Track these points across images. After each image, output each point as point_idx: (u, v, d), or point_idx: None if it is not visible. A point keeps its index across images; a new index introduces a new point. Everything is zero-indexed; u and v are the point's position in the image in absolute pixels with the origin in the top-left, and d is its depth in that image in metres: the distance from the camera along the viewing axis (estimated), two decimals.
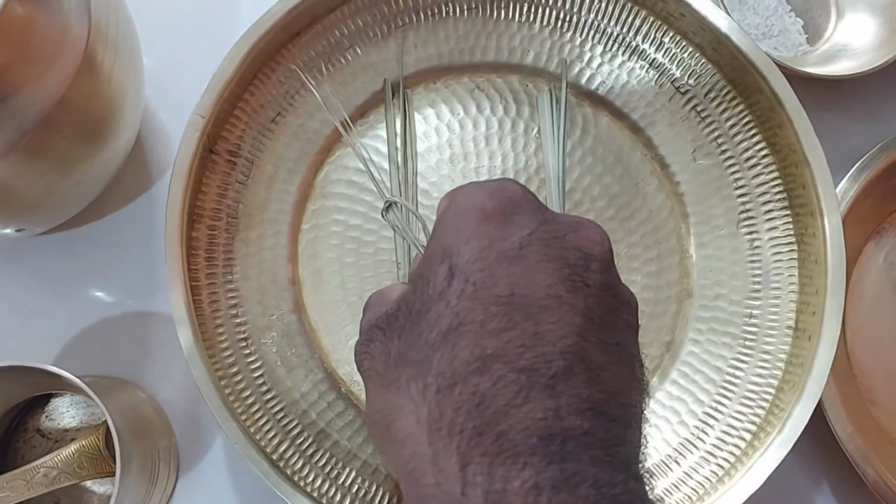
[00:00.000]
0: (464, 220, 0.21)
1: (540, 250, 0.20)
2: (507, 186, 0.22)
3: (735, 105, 0.40)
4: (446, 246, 0.21)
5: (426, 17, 0.41)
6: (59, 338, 0.40)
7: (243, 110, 0.38)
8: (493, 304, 0.19)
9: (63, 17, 0.30)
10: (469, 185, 0.22)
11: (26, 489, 0.33)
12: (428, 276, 0.21)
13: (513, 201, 0.21)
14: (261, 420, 0.36)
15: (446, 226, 0.21)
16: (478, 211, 0.21)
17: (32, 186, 0.33)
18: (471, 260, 0.20)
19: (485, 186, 0.22)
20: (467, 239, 0.20)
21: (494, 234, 0.20)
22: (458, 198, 0.22)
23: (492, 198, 0.21)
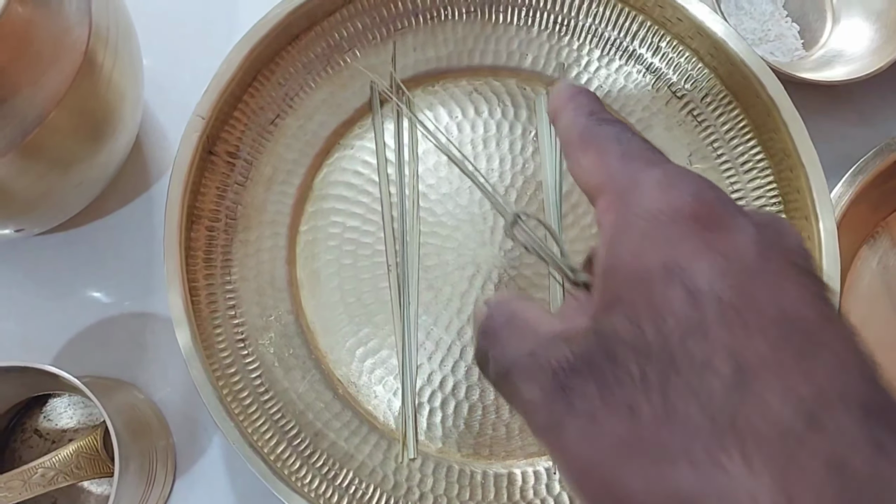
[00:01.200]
0: (670, 227, 0.17)
1: (778, 257, 0.16)
2: (700, 182, 0.18)
3: (731, 109, 0.40)
4: (663, 262, 0.16)
5: (425, 21, 0.41)
6: (57, 338, 0.40)
7: (242, 112, 0.39)
8: (769, 330, 0.15)
9: (64, 18, 0.30)
10: (647, 184, 0.18)
11: (24, 489, 0.33)
12: (650, 303, 0.16)
13: (720, 200, 0.17)
14: (258, 420, 0.36)
15: (643, 236, 0.17)
16: (686, 215, 0.17)
17: (32, 187, 0.33)
18: (713, 277, 0.16)
19: (675, 183, 0.17)
20: (693, 251, 0.16)
21: (722, 243, 0.16)
22: (642, 200, 0.17)
23: (697, 198, 0.17)
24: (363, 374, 0.38)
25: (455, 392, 0.38)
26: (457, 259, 0.39)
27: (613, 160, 0.19)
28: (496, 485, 0.37)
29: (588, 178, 0.19)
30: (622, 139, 0.19)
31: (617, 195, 0.18)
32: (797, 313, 0.15)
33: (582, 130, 0.20)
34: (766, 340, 0.15)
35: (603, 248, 0.18)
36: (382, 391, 0.38)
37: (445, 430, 0.38)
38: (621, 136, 0.19)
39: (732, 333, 0.15)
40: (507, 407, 0.38)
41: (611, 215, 0.18)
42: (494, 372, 0.19)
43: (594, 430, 0.16)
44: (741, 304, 0.15)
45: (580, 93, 0.21)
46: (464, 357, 0.39)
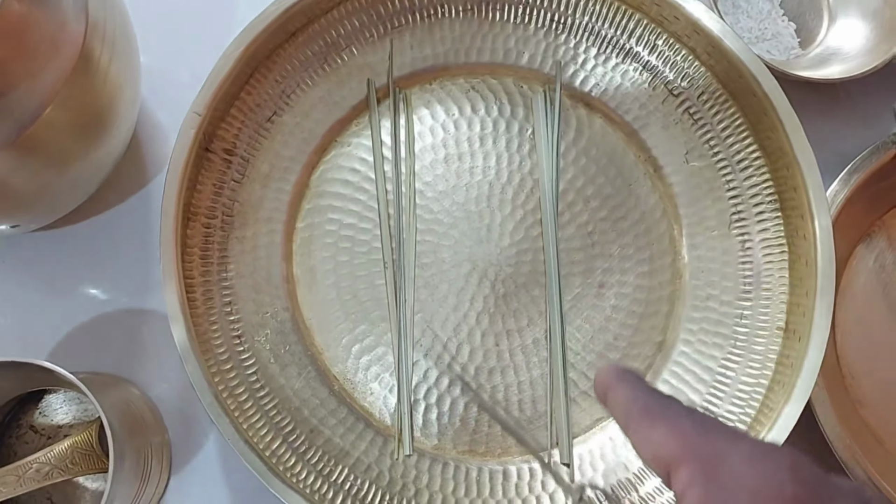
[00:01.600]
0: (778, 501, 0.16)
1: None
2: (793, 456, 0.17)
3: (727, 108, 0.40)
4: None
5: (422, 19, 0.41)
6: (53, 334, 0.40)
7: (239, 109, 0.39)
8: None
9: (60, 14, 0.30)
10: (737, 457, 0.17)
11: (18, 485, 0.33)
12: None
13: (816, 478, 0.17)
14: (254, 417, 0.36)
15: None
16: (787, 496, 0.16)
17: (28, 183, 0.33)
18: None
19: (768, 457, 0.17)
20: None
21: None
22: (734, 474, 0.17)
23: (795, 476, 0.17)
24: (359, 371, 0.38)
25: (451, 389, 0.38)
26: (453, 256, 0.40)
27: (690, 432, 0.19)
28: (491, 481, 0.37)
29: (659, 450, 0.19)
30: (693, 413, 0.19)
31: (700, 469, 0.18)
32: None
33: (645, 404, 0.20)
34: None
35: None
36: (378, 388, 0.38)
37: (441, 427, 0.38)
38: (691, 410, 0.19)
39: None
40: (502, 404, 0.38)
41: (698, 489, 0.17)
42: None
43: None
44: None
45: (629, 371, 0.21)
46: (460, 354, 0.39)
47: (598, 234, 0.40)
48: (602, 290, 0.40)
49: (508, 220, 0.40)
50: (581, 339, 0.39)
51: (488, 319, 0.39)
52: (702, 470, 0.18)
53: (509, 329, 0.39)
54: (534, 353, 0.39)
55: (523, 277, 0.39)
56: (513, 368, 0.39)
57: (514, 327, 0.39)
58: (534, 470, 0.37)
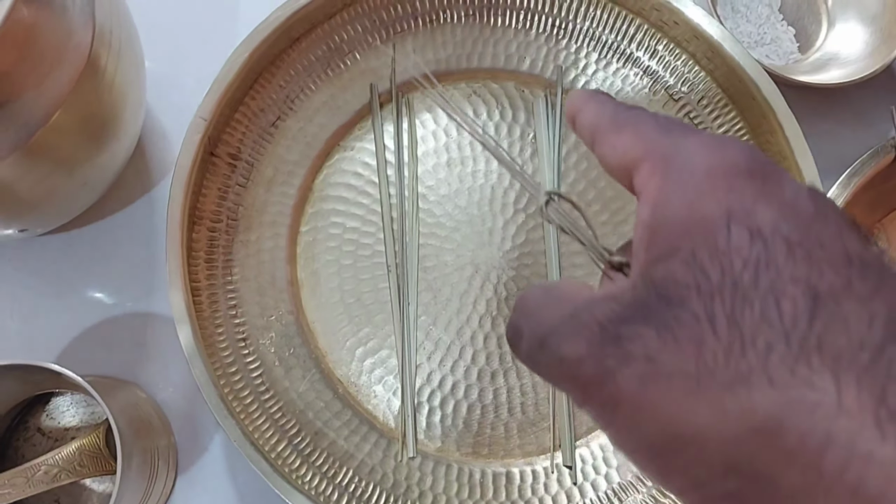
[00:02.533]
0: (727, 179, 0.17)
1: (833, 212, 0.17)
2: (748, 144, 0.18)
3: (727, 112, 0.40)
4: (724, 209, 0.16)
5: (424, 24, 0.41)
6: (59, 337, 0.41)
7: (244, 114, 0.39)
8: (839, 266, 0.15)
9: (67, 21, 0.30)
10: (694, 146, 0.18)
11: (27, 486, 0.34)
12: (713, 246, 0.16)
13: (770, 161, 0.18)
14: (259, 419, 0.36)
15: (698, 189, 0.17)
16: (742, 170, 0.17)
17: (35, 187, 0.33)
18: (777, 220, 0.16)
19: (724, 144, 0.18)
20: (754, 198, 0.17)
21: (780, 195, 0.17)
22: (691, 159, 0.18)
23: (750, 156, 0.17)
24: (363, 374, 0.39)
25: (454, 391, 0.39)
26: (456, 260, 0.40)
27: (652, 132, 0.19)
28: (494, 483, 0.37)
29: (623, 154, 0.19)
30: (658, 116, 0.20)
31: (661, 160, 0.18)
32: (861, 255, 0.16)
33: (612, 115, 0.20)
34: (838, 274, 0.15)
35: (647, 208, 0.18)
36: (382, 390, 0.39)
37: (444, 429, 0.38)
38: (656, 114, 0.20)
39: (804, 267, 0.15)
40: (505, 406, 0.39)
41: (656, 178, 0.18)
42: (529, 344, 0.18)
43: (655, 371, 0.15)
44: (807, 243, 0.16)
45: (599, 92, 0.22)
46: (463, 357, 0.39)
47: (600, 238, 0.40)
48: None
49: (510, 223, 0.40)
50: None
51: (490, 322, 0.39)
52: (661, 162, 0.18)
53: None
54: None
55: (525, 280, 0.40)
56: (515, 371, 0.39)
57: None
58: (536, 472, 0.38)
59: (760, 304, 0.15)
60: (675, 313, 0.16)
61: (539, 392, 0.39)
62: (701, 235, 0.16)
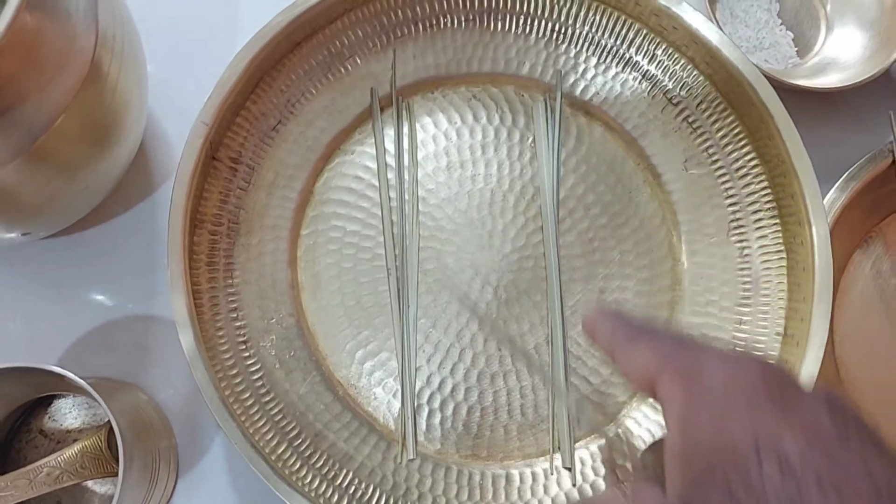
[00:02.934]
0: (749, 400, 0.18)
1: (854, 430, 0.17)
2: (761, 359, 0.19)
3: (726, 116, 0.40)
4: (751, 436, 0.17)
5: (424, 29, 0.42)
6: (61, 340, 0.41)
7: (245, 118, 0.39)
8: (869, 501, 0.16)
9: (71, 27, 0.31)
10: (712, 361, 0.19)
11: (29, 488, 0.34)
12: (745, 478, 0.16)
13: (784, 375, 0.19)
14: (259, 421, 0.36)
15: (723, 412, 0.18)
16: (760, 390, 0.18)
17: (38, 191, 0.34)
18: (804, 450, 0.16)
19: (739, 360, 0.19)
20: (778, 426, 0.17)
21: (800, 418, 0.17)
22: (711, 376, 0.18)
23: (765, 374, 0.18)
24: (363, 377, 0.39)
25: (454, 394, 0.39)
26: (456, 263, 0.40)
27: (668, 347, 0.20)
28: (494, 485, 0.37)
29: (643, 366, 0.20)
30: (670, 332, 0.21)
31: (680, 374, 0.19)
32: (889, 483, 0.16)
33: (628, 331, 0.22)
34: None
35: (675, 426, 0.18)
36: (382, 393, 0.39)
37: (444, 432, 0.38)
38: (669, 331, 0.21)
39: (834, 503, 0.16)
40: (504, 408, 0.39)
41: (679, 394, 0.19)
42: None
43: None
44: (836, 477, 0.16)
45: (614, 311, 0.23)
46: (462, 359, 0.39)
47: (599, 241, 0.41)
48: (603, 296, 0.40)
49: (510, 226, 0.41)
50: (582, 345, 0.40)
51: (490, 325, 0.39)
52: (682, 375, 0.19)
53: (511, 334, 0.39)
54: (535, 358, 0.39)
55: (525, 283, 0.40)
56: (515, 373, 0.39)
57: (516, 332, 0.40)
58: (536, 474, 0.38)
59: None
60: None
61: (538, 394, 0.39)
62: (732, 464, 0.17)
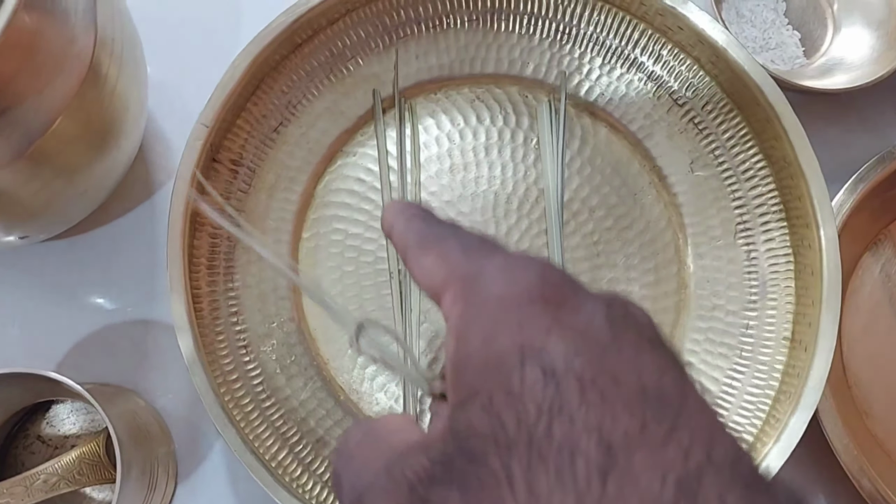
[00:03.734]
0: (520, 310, 0.16)
1: (630, 332, 0.16)
2: (544, 263, 0.18)
3: (732, 117, 0.40)
4: (516, 344, 0.16)
5: (427, 29, 0.41)
6: (60, 345, 0.41)
7: (246, 120, 0.39)
8: (633, 405, 0.15)
9: (69, 28, 0.30)
10: (491, 271, 0.17)
11: (26, 495, 0.34)
12: (507, 390, 0.15)
13: (565, 280, 0.17)
14: (260, 427, 0.36)
15: (494, 322, 0.16)
16: (535, 297, 0.16)
17: (36, 194, 0.33)
18: (569, 354, 0.15)
19: (519, 266, 0.17)
20: (546, 330, 0.16)
21: (573, 320, 0.16)
22: (487, 287, 0.17)
23: (542, 279, 0.17)
24: (365, 382, 0.38)
25: None
26: None
27: (454, 255, 0.19)
28: None
29: (431, 278, 0.19)
30: (459, 234, 0.20)
31: (462, 286, 0.18)
32: (657, 386, 0.15)
33: (418, 234, 0.20)
34: (632, 416, 0.14)
35: (452, 341, 0.17)
36: (384, 398, 0.38)
37: None
38: (458, 232, 0.20)
39: (596, 412, 0.14)
40: None
41: (458, 307, 0.17)
42: (350, 499, 0.17)
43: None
44: (601, 380, 0.15)
45: (410, 205, 0.22)
46: None
47: (604, 244, 0.40)
48: None
49: (514, 229, 0.40)
50: None
51: None
52: (462, 288, 0.18)
53: None
54: None
55: None
56: None
57: None
58: None
59: (555, 464, 0.14)
60: (478, 472, 0.15)
61: None
62: (496, 376, 0.16)
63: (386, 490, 0.16)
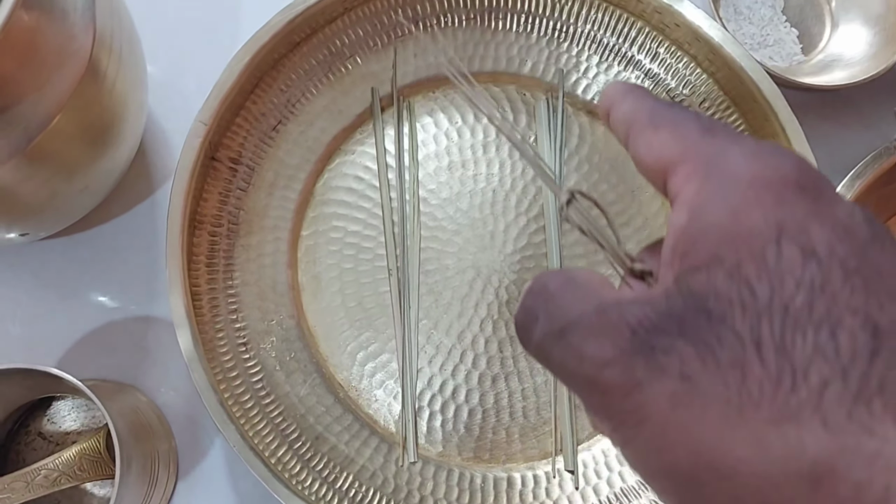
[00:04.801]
0: (777, 191, 0.16)
1: (888, 237, 0.16)
2: (799, 156, 0.17)
3: (729, 114, 0.40)
4: (774, 222, 0.15)
5: (425, 28, 0.41)
6: (61, 341, 0.41)
7: (245, 118, 0.39)
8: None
9: (68, 26, 0.30)
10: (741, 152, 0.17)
11: (27, 491, 0.34)
12: (762, 261, 0.15)
13: (821, 175, 0.17)
14: (259, 424, 0.36)
15: (745, 198, 0.16)
16: (792, 182, 0.16)
17: (37, 192, 0.33)
18: (832, 241, 0.15)
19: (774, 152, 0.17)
20: (807, 216, 0.15)
21: (833, 214, 0.16)
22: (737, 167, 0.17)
23: (801, 168, 0.16)
24: (364, 378, 0.39)
25: (455, 396, 0.38)
26: (457, 263, 0.40)
27: (694, 133, 0.18)
28: (496, 488, 0.37)
29: (660, 153, 0.18)
30: (700, 116, 0.19)
31: (703, 164, 0.17)
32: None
33: (651, 110, 0.19)
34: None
35: (684, 213, 0.17)
36: (383, 395, 0.38)
37: (446, 434, 0.38)
38: (699, 114, 0.19)
39: (861, 296, 0.14)
40: (506, 410, 0.38)
41: (695, 182, 0.17)
42: (544, 332, 0.17)
43: (691, 392, 0.14)
44: (865, 270, 0.15)
45: (637, 86, 0.21)
46: (464, 361, 0.39)
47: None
48: None
49: (512, 226, 0.40)
50: None
51: (492, 326, 0.39)
52: (702, 165, 0.17)
53: (513, 335, 0.39)
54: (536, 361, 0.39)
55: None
56: (517, 375, 0.39)
57: None
58: (538, 477, 0.37)
59: (814, 333, 0.14)
60: (717, 331, 0.14)
61: (541, 396, 0.39)
62: (747, 248, 0.15)
63: (599, 328, 0.16)
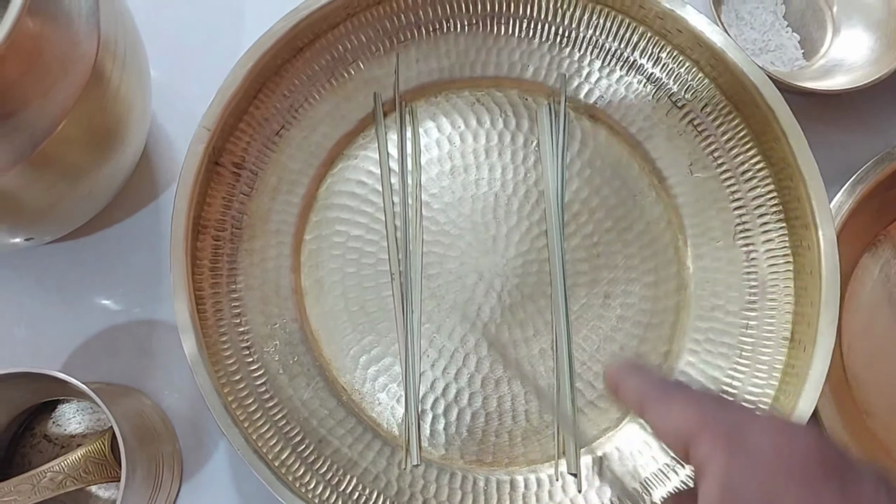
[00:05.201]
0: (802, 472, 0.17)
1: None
2: (814, 429, 0.19)
3: (731, 119, 0.40)
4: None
5: (427, 33, 0.41)
6: (65, 345, 0.41)
7: (248, 123, 0.39)
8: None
9: (73, 32, 0.31)
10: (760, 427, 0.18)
11: (33, 493, 0.34)
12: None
13: (838, 449, 0.18)
14: (263, 427, 0.36)
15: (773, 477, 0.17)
16: (814, 461, 0.17)
17: (41, 197, 0.34)
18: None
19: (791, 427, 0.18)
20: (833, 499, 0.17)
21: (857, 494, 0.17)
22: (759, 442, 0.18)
23: (819, 444, 0.18)
24: (367, 382, 0.39)
25: (458, 399, 0.39)
26: (459, 267, 0.40)
27: (709, 405, 0.19)
28: (499, 491, 0.37)
29: (679, 423, 0.19)
30: (708, 391, 0.21)
31: (723, 435, 0.18)
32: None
33: (659, 386, 0.21)
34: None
35: (715, 488, 0.18)
36: (386, 398, 0.39)
37: (448, 437, 0.38)
38: (706, 390, 0.21)
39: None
40: (509, 413, 0.39)
41: (721, 456, 0.18)
42: None
43: None
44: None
45: (641, 365, 0.23)
46: (466, 364, 0.39)
47: (604, 245, 0.40)
48: (608, 301, 0.40)
49: (514, 231, 0.40)
50: (587, 349, 0.39)
51: (495, 330, 0.39)
52: (723, 439, 0.18)
53: (515, 339, 0.39)
54: (540, 363, 0.39)
55: (529, 288, 0.40)
56: (519, 378, 0.39)
57: (521, 337, 0.39)
58: (541, 480, 0.38)
59: None
60: None
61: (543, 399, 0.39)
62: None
63: None
